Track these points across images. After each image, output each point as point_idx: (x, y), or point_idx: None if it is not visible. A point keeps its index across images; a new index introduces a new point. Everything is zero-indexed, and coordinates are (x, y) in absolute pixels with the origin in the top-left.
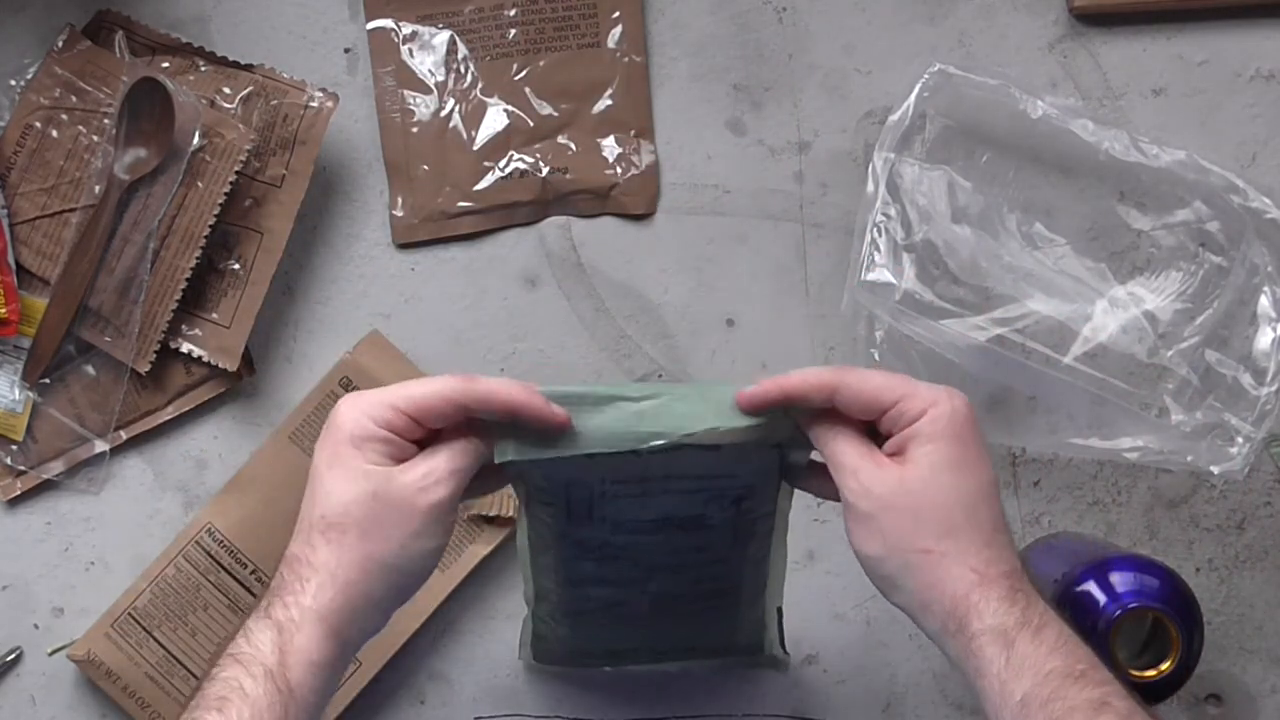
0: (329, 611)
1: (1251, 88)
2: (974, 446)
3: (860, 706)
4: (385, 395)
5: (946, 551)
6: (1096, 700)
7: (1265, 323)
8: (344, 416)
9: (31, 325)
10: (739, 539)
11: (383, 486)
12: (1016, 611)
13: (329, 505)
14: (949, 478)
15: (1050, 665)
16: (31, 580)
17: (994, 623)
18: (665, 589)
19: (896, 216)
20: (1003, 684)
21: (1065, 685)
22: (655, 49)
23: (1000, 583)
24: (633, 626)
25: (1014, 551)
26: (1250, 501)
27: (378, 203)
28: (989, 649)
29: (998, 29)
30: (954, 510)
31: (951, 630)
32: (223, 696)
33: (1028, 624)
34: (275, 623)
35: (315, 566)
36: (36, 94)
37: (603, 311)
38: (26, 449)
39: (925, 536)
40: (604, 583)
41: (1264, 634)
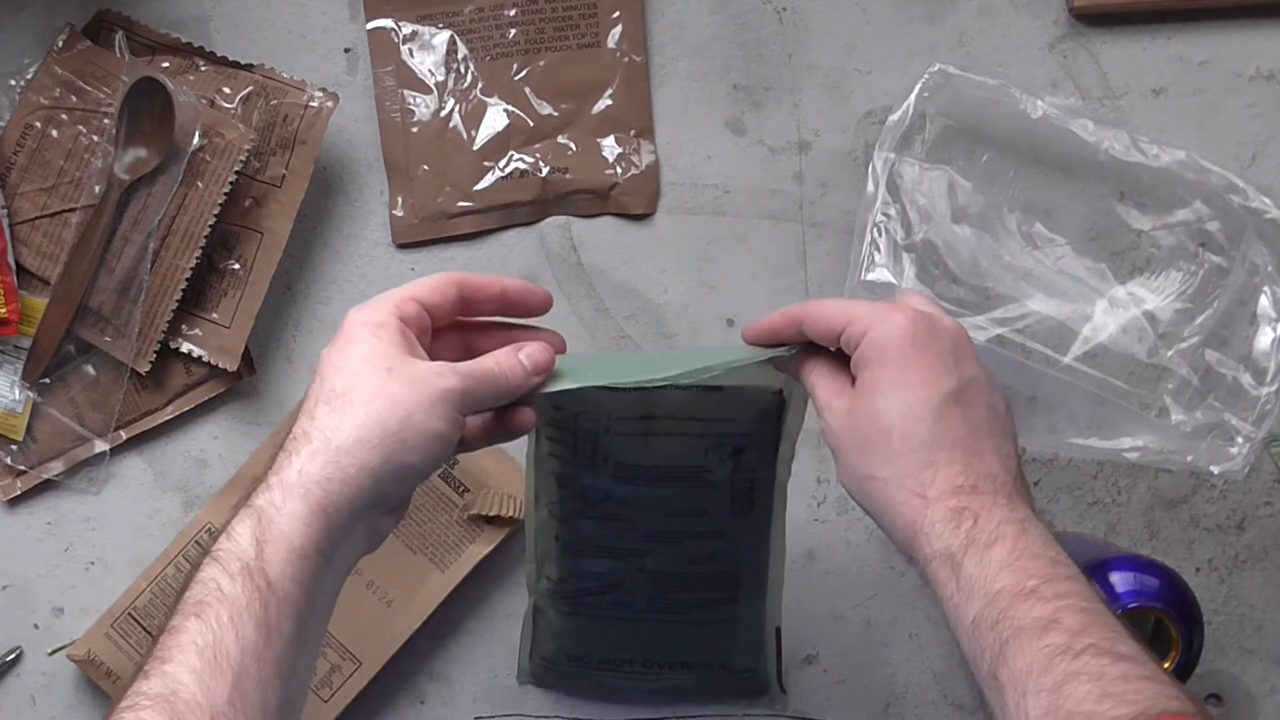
0: (314, 483)
1: (1251, 88)
2: (915, 364)
3: (860, 706)
4: (391, 292)
5: (889, 477)
6: (1045, 618)
7: (1265, 323)
8: (356, 312)
9: (31, 325)
10: (736, 505)
11: (397, 364)
12: (961, 532)
13: (338, 377)
14: (885, 400)
15: (998, 584)
16: (31, 580)
17: (940, 546)
18: (663, 566)
19: (896, 216)
20: (956, 607)
21: (1014, 604)
22: (655, 49)
23: (943, 503)
24: (629, 623)
25: (967, 464)
26: (1250, 501)
27: (378, 203)
28: (940, 574)
29: (998, 29)
30: (891, 434)
31: (909, 555)
32: (201, 600)
33: (974, 543)
34: (255, 510)
35: (310, 435)
36: (36, 94)
37: (603, 311)
38: (26, 449)
39: (870, 463)
40: (603, 552)
41: (1264, 634)
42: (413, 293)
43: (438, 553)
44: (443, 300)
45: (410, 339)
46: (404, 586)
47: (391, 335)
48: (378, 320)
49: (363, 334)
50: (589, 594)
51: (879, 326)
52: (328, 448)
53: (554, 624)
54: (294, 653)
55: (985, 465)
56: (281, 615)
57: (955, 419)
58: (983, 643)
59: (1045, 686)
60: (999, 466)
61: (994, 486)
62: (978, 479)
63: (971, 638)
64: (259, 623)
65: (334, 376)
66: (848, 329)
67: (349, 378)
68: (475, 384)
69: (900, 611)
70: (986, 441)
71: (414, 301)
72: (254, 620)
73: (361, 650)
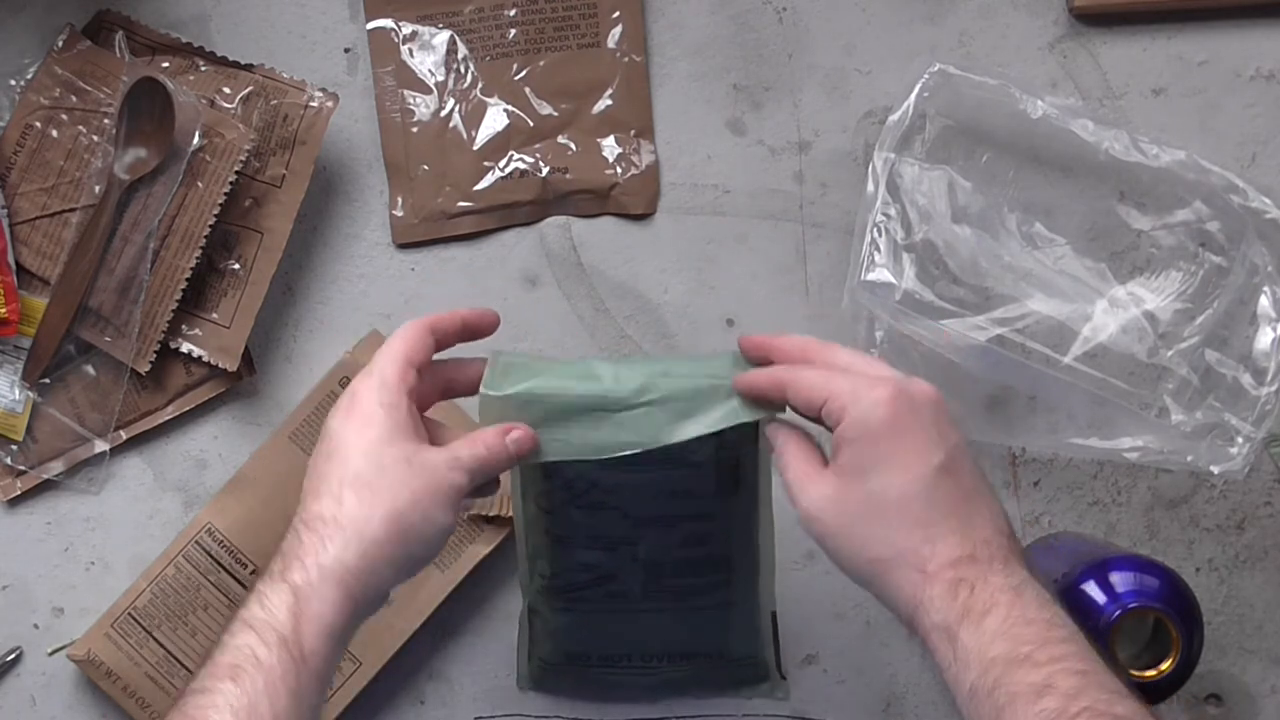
0: (349, 572)
1: (1251, 88)
2: (901, 440)
3: (860, 706)
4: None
5: (890, 559)
6: (1039, 684)
7: (1265, 323)
8: (366, 387)
9: (31, 325)
10: (722, 484)
11: (415, 456)
12: (958, 604)
13: (363, 464)
14: (876, 481)
15: (993, 653)
16: (31, 580)
17: (938, 619)
18: (654, 553)
19: (896, 216)
20: (954, 677)
21: (1008, 671)
22: (655, 49)
23: (941, 576)
24: (625, 615)
25: (965, 535)
26: (1250, 501)
27: (378, 203)
28: (939, 645)
29: (998, 29)
30: (887, 515)
31: (912, 629)
32: (236, 665)
33: (969, 614)
34: (291, 586)
35: (341, 523)
36: (36, 94)
37: (603, 311)
38: (26, 449)
39: (869, 547)
40: (594, 542)
41: (1264, 634)
42: (408, 356)
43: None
44: (426, 352)
45: (416, 416)
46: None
47: (404, 417)
48: (391, 400)
49: (379, 415)
50: (582, 588)
51: (859, 404)
52: (361, 540)
53: (549, 623)
54: (315, 713)
55: (980, 531)
56: (311, 686)
57: (948, 489)
58: (980, 710)
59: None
60: (993, 530)
61: (990, 552)
62: (974, 546)
63: (969, 706)
64: (292, 691)
65: (358, 460)
66: (828, 404)
67: (373, 466)
68: (476, 474)
69: None
70: (979, 505)
71: (412, 369)
72: (288, 689)
73: (361, 650)
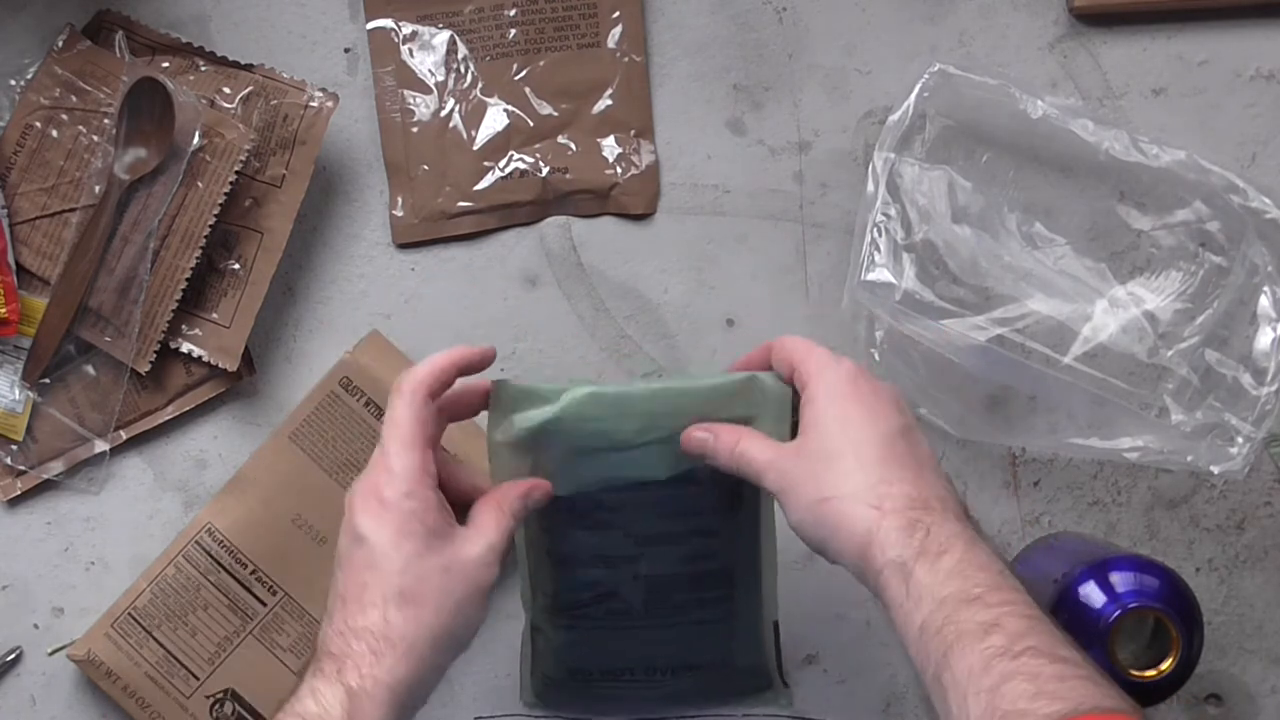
0: (402, 685)
1: (1251, 88)
2: (863, 401)
3: (860, 706)
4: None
5: (843, 495)
6: (987, 622)
7: (1265, 323)
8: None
9: (31, 325)
10: (724, 500)
11: (453, 561)
12: (915, 542)
13: (403, 579)
14: (839, 427)
15: (946, 591)
16: (31, 580)
17: (893, 555)
18: (656, 569)
19: (896, 216)
20: (905, 614)
21: (959, 609)
22: (655, 49)
23: (898, 515)
24: (627, 631)
25: (920, 484)
26: (1250, 501)
27: (378, 203)
28: (891, 581)
29: (998, 29)
30: (844, 458)
31: (863, 568)
32: None
33: (925, 553)
34: (347, 688)
35: (393, 641)
36: (36, 94)
37: (603, 311)
38: (26, 449)
39: (823, 488)
40: (596, 561)
41: (1264, 634)
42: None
43: None
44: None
45: (443, 505)
46: None
47: (434, 513)
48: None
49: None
50: (584, 605)
51: (829, 369)
52: (410, 656)
53: (552, 640)
54: None
55: (935, 489)
56: None
57: (904, 448)
58: (929, 647)
59: (984, 688)
60: (947, 492)
61: (944, 506)
62: (929, 497)
63: (919, 643)
64: None
65: (398, 576)
66: (802, 365)
67: (415, 580)
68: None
69: None
70: (933, 473)
71: (429, 451)
72: None
73: None
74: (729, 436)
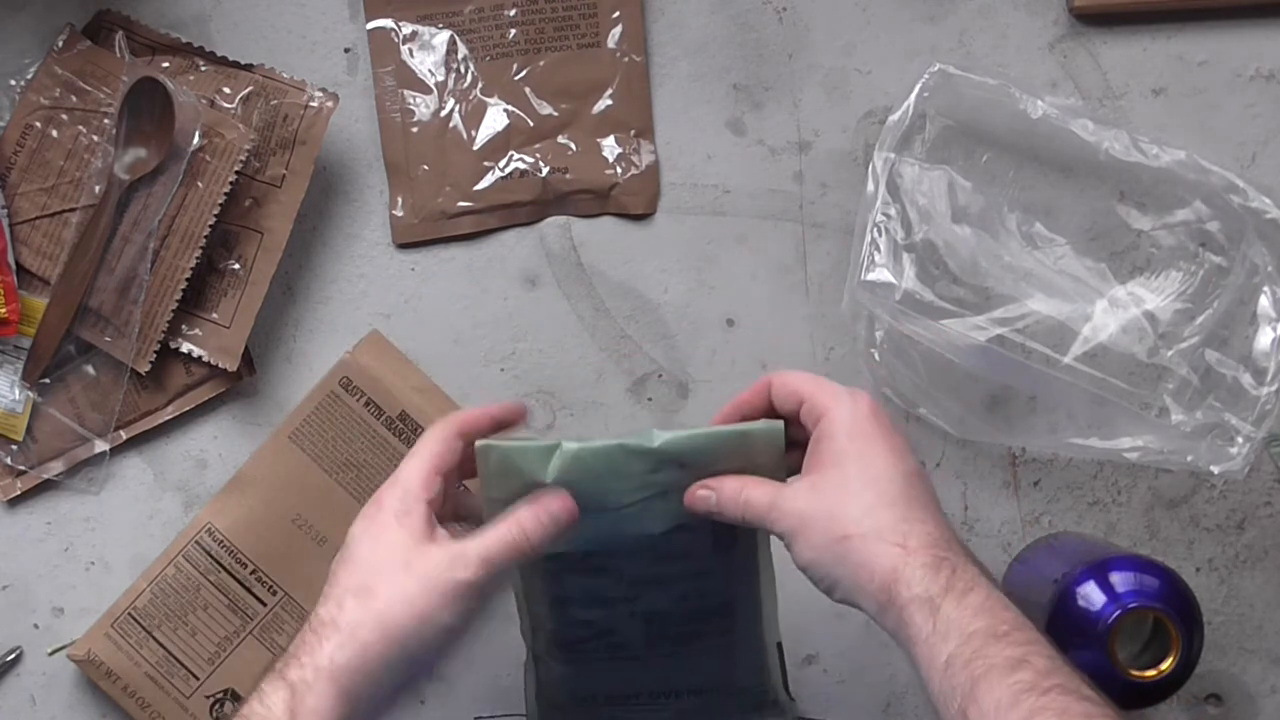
0: (343, 672)
1: (1251, 88)
2: (881, 439)
3: (860, 706)
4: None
5: (866, 533)
6: (1016, 658)
7: (1265, 323)
8: (388, 495)
9: (31, 325)
10: (719, 544)
11: (416, 558)
12: (941, 579)
13: (365, 570)
14: (855, 469)
15: (974, 626)
16: (31, 580)
17: (920, 590)
18: (654, 608)
19: (896, 216)
20: (930, 648)
21: (987, 644)
22: (655, 49)
23: (923, 553)
24: (629, 661)
25: (940, 525)
26: (1250, 501)
27: (378, 203)
28: (917, 616)
29: (998, 29)
30: (864, 495)
31: (884, 604)
32: None
33: (952, 589)
34: (289, 683)
35: (339, 626)
36: (36, 94)
37: (603, 311)
38: (26, 449)
39: (844, 525)
40: (592, 602)
41: (1264, 634)
42: (435, 464)
43: None
44: (454, 457)
45: (433, 521)
46: None
47: (415, 524)
48: (405, 508)
49: (390, 524)
50: (584, 641)
51: (843, 404)
52: (353, 642)
53: (554, 671)
54: None
55: (952, 533)
56: None
57: (920, 490)
58: (955, 680)
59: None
60: (955, 536)
61: (963, 550)
62: (950, 538)
63: (944, 677)
64: None
65: (363, 567)
66: (810, 401)
67: (373, 573)
68: (492, 565)
69: None
70: (941, 513)
71: (438, 477)
72: None
73: None
74: (732, 488)
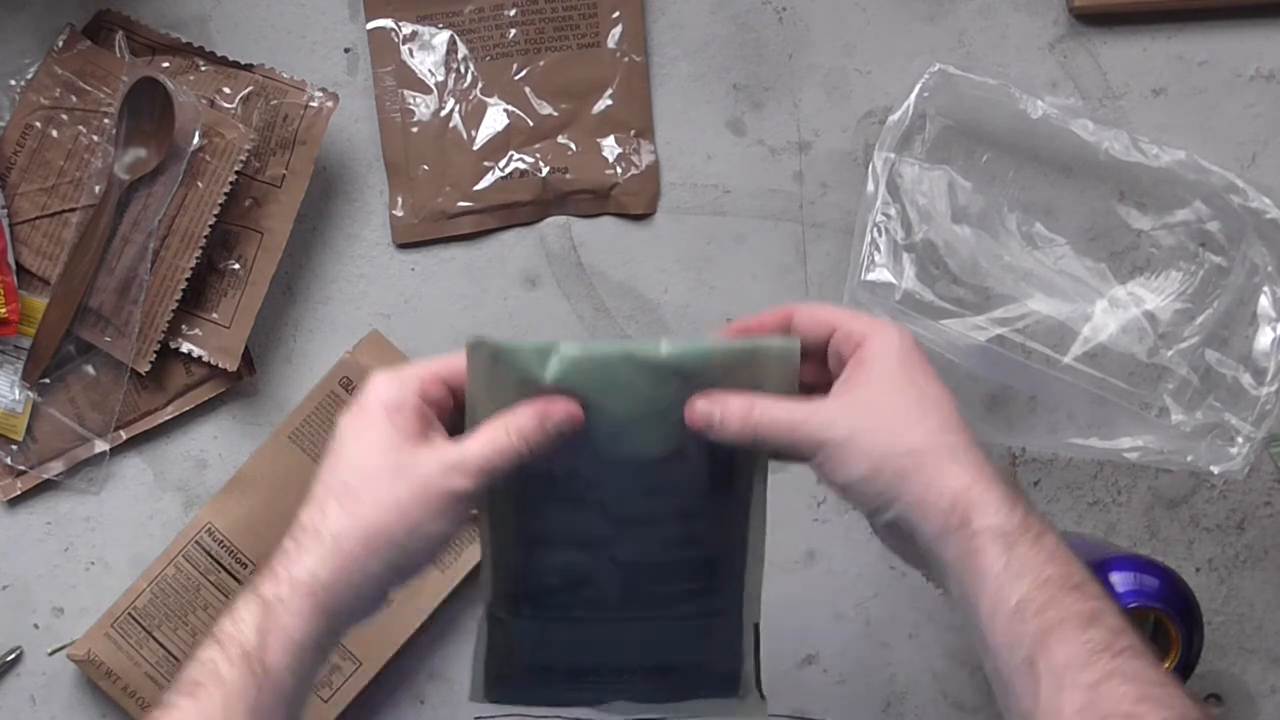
0: (322, 585)
1: (1251, 88)
2: (931, 371)
3: (860, 706)
4: (417, 365)
5: (938, 448)
6: (1089, 613)
7: (1265, 323)
8: (377, 385)
9: (31, 325)
10: (715, 483)
11: (408, 462)
12: (1018, 515)
13: (351, 471)
14: (913, 390)
15: (1049, 572)
16: (31, 580)
17: (996, 522)
18: (635, 556)
19: (896, 216)
20: (999, 587)
21: (1062, 594)
22: (655, 49)
23: (999, 484)
24: (598, 623)
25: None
26: (1250, 501)
27: (378, 203)
28: (990, 548)
29: (998, 29)
30: (929, 416)
31: (953, 527)
32: (197, 681)
33: (1028, 529)
34: (261, 600)
35: (321, 534)
36: (36, 94)
37: (603, 311)
38: (26, 449)
39: (908, 438)
40: (570, 542)
41: (1264, 634)
42: (440, 371)
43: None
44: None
45: (428, 418)
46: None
47: (407, 420)
48: (397, 401)
49: (379, 418)
50: (553, 593)
51: (890, 331)
52: (336, 553)
53: (513, 632)
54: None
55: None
56: (274, 702)
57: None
58: (1025, 627)
59: (1083, 682)
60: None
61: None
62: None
63: (1011, 620)
64: (250, 707)
65: (347, 467)
66: (847, 327)
67: (359, 474)
68: (497, 469)
69: (900, 611)
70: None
71: (440, 384)
72: (246, 705)
73: (361, 650)
74: (738, 405)
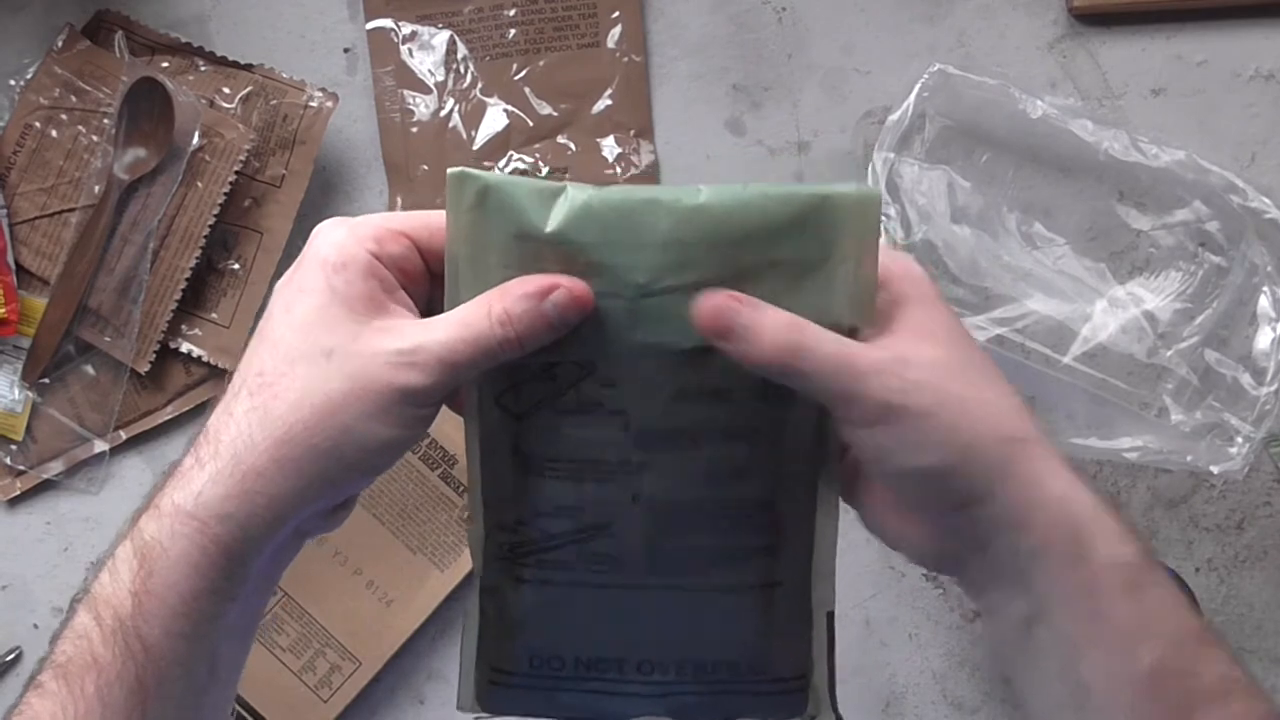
0: (214, 516)
1: (1251, 88)
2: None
3: (860, 706)
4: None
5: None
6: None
7: (1265, 323)
8: (319, 235)
9: (31, 325)
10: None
11: (345, 342)
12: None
13: (271, 354)
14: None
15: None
16: (31, 580)
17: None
18: (666, 491)
19: (896, 216)
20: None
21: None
22: (655, 49)
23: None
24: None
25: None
26: (1250, 501)
27: (378, 203)
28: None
29: (997, 29)
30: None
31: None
32: (68, 658)
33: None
34: (140, 547)
35: (221, 443)
36: (36, 94)
37: None
38: (26, 449)
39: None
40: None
41: (1264, 634)
42: (405, 226)
43: (437, 553)
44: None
45: (385, 282)
46: (404, 586)
47: (352, 282)
48: (341, 255)
49: (316, 281)
50: (558, 545)
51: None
52: (236, 469)
53: (510, 607)
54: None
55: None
56: (165, 680)
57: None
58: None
59: None
60: None
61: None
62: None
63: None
64: (131, 691)
65: (269, 349)
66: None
67: (284, 359)
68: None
69: (900, 611)
70: None
71: (403, 238)
72: (125, 690)
73: (361, 650)
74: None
